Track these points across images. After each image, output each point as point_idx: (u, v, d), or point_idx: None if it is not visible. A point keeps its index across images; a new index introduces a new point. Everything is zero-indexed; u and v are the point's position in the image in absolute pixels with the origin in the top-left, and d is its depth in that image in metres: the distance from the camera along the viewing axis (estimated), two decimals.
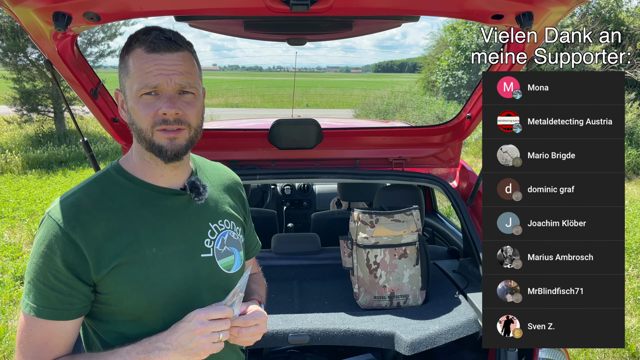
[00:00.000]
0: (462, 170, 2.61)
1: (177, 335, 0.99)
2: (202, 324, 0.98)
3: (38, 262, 1.01)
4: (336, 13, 1.48)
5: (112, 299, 1.04)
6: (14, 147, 9.78)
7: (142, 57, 1.02)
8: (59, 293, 1.00)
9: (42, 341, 1.01)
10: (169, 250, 1.08)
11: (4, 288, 4.20)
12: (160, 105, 1.02)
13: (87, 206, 1.04)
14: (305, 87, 33.41)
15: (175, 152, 1.06)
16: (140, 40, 1.02)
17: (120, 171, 1.11)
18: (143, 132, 1.04)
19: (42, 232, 1.02)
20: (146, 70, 1.01)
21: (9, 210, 6.44)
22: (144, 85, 1.01)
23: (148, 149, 1.07)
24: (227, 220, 1.22)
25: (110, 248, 1.02)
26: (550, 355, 1.69)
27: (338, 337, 1.79)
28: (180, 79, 1.03)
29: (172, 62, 1.02)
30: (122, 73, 1.06)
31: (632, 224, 6.14)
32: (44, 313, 1.00)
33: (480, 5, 1.50)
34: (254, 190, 3.98)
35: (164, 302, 1.07)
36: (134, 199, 1.08)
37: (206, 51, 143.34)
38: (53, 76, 1.76)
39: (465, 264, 2.23)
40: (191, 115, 1.06)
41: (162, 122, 1.03)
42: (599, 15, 10.88)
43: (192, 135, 1.08)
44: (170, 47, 1.02)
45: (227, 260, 1.18)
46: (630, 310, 4.05)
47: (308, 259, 2.45)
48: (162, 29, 1.04)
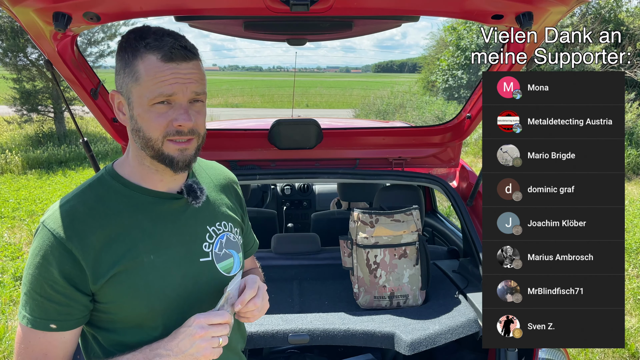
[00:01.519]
0: (462, 170, 2.61)
1: (177, 341, 0.98)
2: (202, 329, 0.97)
3: (34, 274, 0.99)
4: (336, 13, 1.48)
5: (111, 307, 1.03)
6: (14, 147, 9.78)
7: (156, 65, 0.98)
8: (57, 304, 0.98)
9: (41, 353, 1.00)
10: (167, 256, 1.06)
11: (4, 288, 4.20)
12: (175, 116, 1.00)
13: (82, 214, 1.01)
14: (305, 87, 33.41)
15: (187, 163, 1.05)
16: (153, 46, 0.99)
17: (115, 176, 1.08)
18: (152, 141, 1.01)
19: (37, 243, 1.00)
20: (161, 78, 0.98)
21: (9, 210, 6.44)
22: (159, 94, 0.98)
23: (154, 158, 1.04)
24: (225, 222, 1.20)
25: (108, 256, 1.00)
26: (550, 355, 1.69)
27: (338, 337, 1.79)
28: (195, 87, 1.01)
29: (188, 70, 1.00)
30: (127, 78, 1.01)
31: (632, 224, 6.14)
32: (41, 324, 0.98)
33: (480, 5, 1.50)
34: (254, 190, 3.98)
35: (164, 308, 1.05)
36: (129, 205, 1.06)
37: (206, 51, 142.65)
38: (53, 76, 1.76)
39: (465, 264, 2.23)
40: (201, 125, 1.05)
41: (176, 134, 1.01)
42: (598, 15, 10.88)
43: (200, 143, 1.07)
44: (187, 56, 1.00)
45: (226, 263, 1.17)
46: (630, 310, 4.05)
47: (308, 259, 2.45)
48: (175, 35, 1.02)
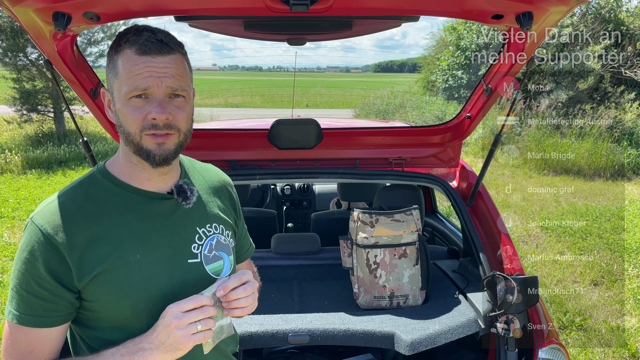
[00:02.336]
0: (462, 170, 2.61)
1: (156, 334, 0.97)
2: (176, 318, 0.95)
3: (21, 269, 0.99)
4: (336, 13, 1.48)
5: (96, 305, 1.03)
6: (13, 147, 9.77)
7: (132, 58, 0.99)
8: (42, 300, 0.98)
9: (27, 349, 1.00)
10: (154, 256, 1.06)
11: (4, 288, 4.20)
12: (150, 109, 1.00)
13: (70, 211, 1.01)
14: (305, 87, 33.40)
15: (164, 157, 1.03)
16: (131, 41, 0.99)
17: (106, 174, 1.09)
18: (131, 135, 1.02)
19: (25, 238, 1.00)
20: (136, 72, 0.98)
21: (9, 210, 6.44)
22: (133, 88, 0.99)
23: (135, 153, 1.04)
24: (216, 224, 1.19)
25: (94, 254, 1.00)
26: (550, 355, 1.69)
27: (338, 337, 1.78)
28: (171, 82, 1.00)
29: (164, 64, 1.00)
30: (110, 73, 1.03)
31: (632, 223, 6.14)
32: (27, 320, 0.98)
33: (480, 5, 1.50)
34: (253, 190, 3.97)
35: (149, 309, 1.04)
36: (119, 204, 1.06)
37: (206, 51, 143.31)
38: (53, 76, 1.76)
39: (465, 264, 2.23)
40: (181, 120, 1.04)
41: (152, 127, 1.00)
42: (598, 15, 10.87)
43: (182, 139, 1.06)
44: (162, 49, 0.99)
45: (215, 266, 1.15)
46: (630, 310, 4.05)
47: (308, 259, 2.45)
48: (154, 30, 1.01)
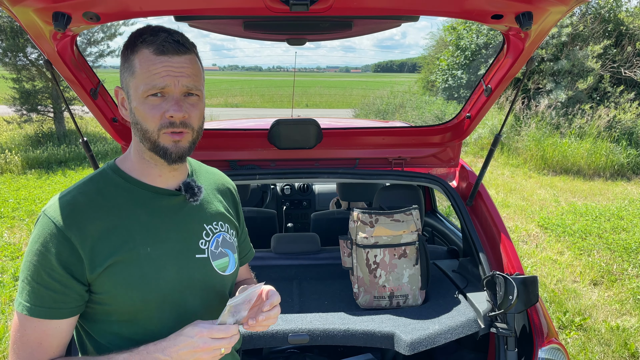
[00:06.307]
0: (461, 170, 2.61)
1: (177, 348, 0.99)
2: (206, 343, 0.98)
3: (32, 260, 1.01)
4: (336, 13, 1.48)
5: (106, 298, 1.04)
6: (13, 147, 9.76)
7: (149, 58, 1.02)
8: (53, 291, 1.00)
9: (36, 341, 1.01)
10: (163, 250, 1.08)
11: (4, 288, 4.20)
12: (167, 107, 1.03)
13: (82, 205, 1.04)
14: (304, 87, 33.42)
15: (180, 155, 1.07)
16: (148, 41, 1.03)
17: (117, 170, 1.12)
18: (149, 133, 1.05)
19: (37, 231, 1.02)
20: (153, 71, 1.01)
21: (9, 210, 6.43)
22: (151, 87, 1.02)
23: (151, 150, 1.07)
24: (222, 222, 1.22)
25: (105, 247, 1.02)
26: (550, 355, 1.69)
27: (338, 337, 1.79)
28: (187, 81, 1.04)
29: (180, 64, 1.03)
30: (126, 72, 1.06)
31: (631, 223, 6.14)
32: (37, 312, 1.00)
33: (480, 5, 1.50)
34: (253, 190, 3.98)
35: (158, 301, 1.07)
36: (128, 199, 1.09)
37: (206, 51, 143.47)
38: (53, 76, 1.76)
39: (465, 263, 2.23)
40: (195, 118, 1.07)
41: (169, 125, 1.04)
42: (598, 15, 10.88)
43: (195, 137, 1.10)
44: (179, 49, 1.03)
45: (221, 262, 1.19)
46: (630, 310, 4.05)
47: (308, 259, 2.45)
48: (170, 31, 1.05)
